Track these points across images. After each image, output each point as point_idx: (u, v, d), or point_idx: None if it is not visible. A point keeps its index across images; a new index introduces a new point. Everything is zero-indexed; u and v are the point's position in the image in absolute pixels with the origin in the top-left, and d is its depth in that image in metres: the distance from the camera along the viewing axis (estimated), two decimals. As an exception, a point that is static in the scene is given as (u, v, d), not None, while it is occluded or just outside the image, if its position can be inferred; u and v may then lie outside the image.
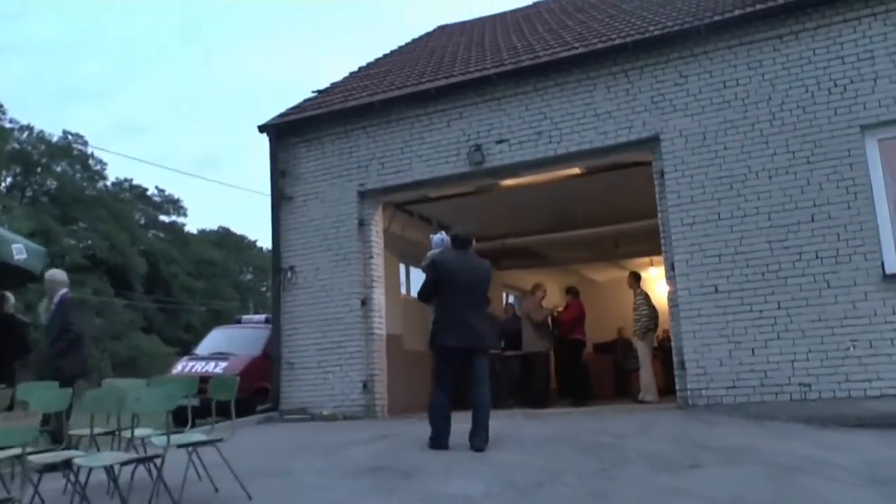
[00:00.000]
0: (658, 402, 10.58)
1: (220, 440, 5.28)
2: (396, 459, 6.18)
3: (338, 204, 10.60)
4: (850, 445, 5.97)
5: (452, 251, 6.71)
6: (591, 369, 14.16)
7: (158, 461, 4.85)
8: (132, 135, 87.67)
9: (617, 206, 12.22)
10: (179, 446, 5.14)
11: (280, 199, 10.92)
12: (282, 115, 11.30)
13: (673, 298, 8.57)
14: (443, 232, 7.74)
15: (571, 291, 12.28)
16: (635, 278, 11.37)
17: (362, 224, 10.50)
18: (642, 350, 10.85)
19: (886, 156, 7.95)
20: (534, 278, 16.49)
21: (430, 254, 7.36)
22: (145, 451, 5.73)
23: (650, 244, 13.90)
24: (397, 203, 11.55)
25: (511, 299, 16.79)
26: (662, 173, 8.81)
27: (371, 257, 10.45)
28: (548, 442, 6.62)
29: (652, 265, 15.08)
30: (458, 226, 7.06)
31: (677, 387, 8.46)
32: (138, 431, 5.68)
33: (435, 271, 6.52)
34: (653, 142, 8.93)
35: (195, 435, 5.38)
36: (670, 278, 8.63)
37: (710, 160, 8.54)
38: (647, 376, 10.75)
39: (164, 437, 4.93)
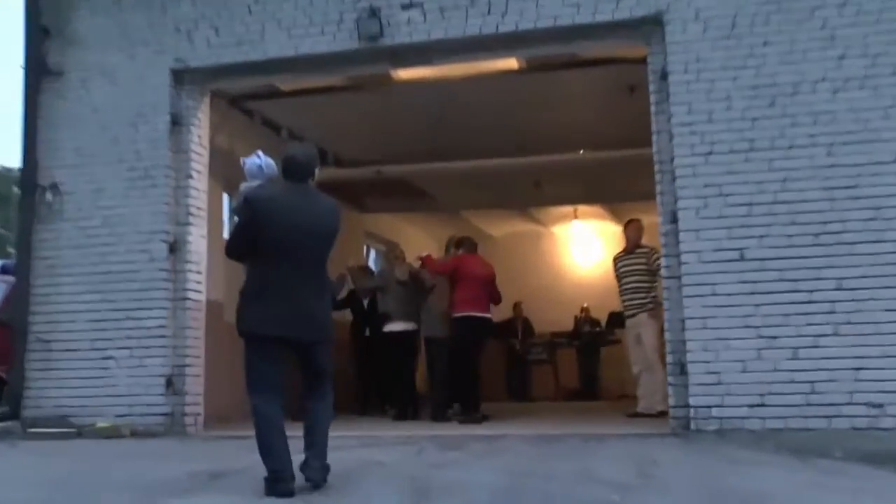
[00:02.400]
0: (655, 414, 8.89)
1: None
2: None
3: (139, 89, 8.39)
4: None
5: (282, 184, 5.40)
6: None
7: None
8: None
9: (549, 129, 10.69)
10: None
11: (40, 74, 8.61)
12: (50, -62, 8.71)
13: (672, 267, 7.04)
14: (259, 152, 6.27)
15: (465, 244, 10.00)
16: (637, 228, 9.60)
17: (178, 123, 8.37)
18: (650, 335, 9.04)
19: None
20: (408, 227, 14.75)
21: (243, 186, 6.20)
22: None
23: (581, 188, 12.61)
24: (232, 96, 9.45)
25: (372, 256, 14.92)
26: (664, 74, 7.17)
27: (189, 177, 8.34)
28: (507, 499, 4.79)
29: (576, 217, 13.77)
30: (296, 145, 5.83)
31: (672, 401, 6.94)
32: None
33: (250, 214, 5.17)
34: (651, 26, 7.30)
35: None
36: (668, 235, 7.08)
37: (743, 60, 6.94)
38: (655, 377, 8.89)
39: None
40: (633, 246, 9.63)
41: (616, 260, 9.78)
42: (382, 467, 5.79)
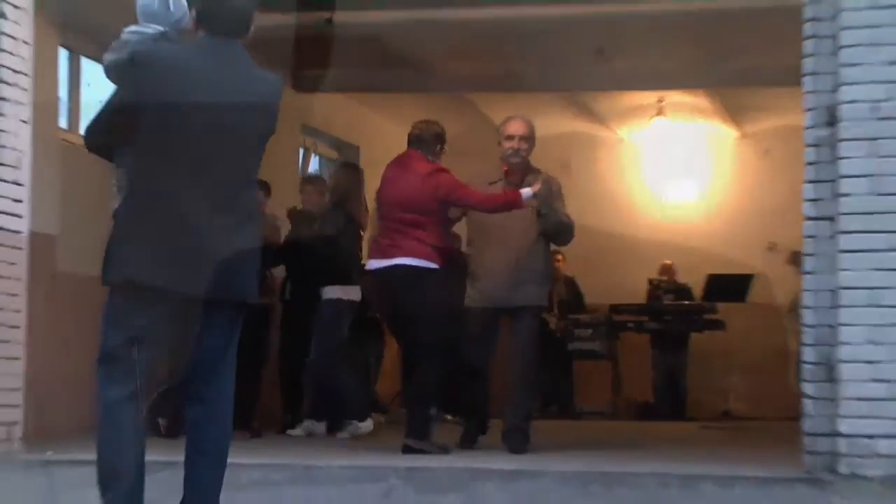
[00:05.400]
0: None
1: None
2: None
3: None
4: None
5: (196, 39, 4.37)
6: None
7: None
8: None
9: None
10: None
11: None
12: None
13: (822, 202, 5.36)
14: None
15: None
16: None
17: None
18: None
19: None
20: (375, 117, 11.65)
21: (129, 33, 4.78)
22: None
23: (673, 61, 9.64)
24: None
25: (315, 165, 11.57)
26: None
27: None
28: None
29: (661, 112, 10.24)
30: None
31: (809, 425, 5.40)
32: None
33: (135, 82, 4.16)
34: None
35: None
36: (820, 146, 5.37)
37: None
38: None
39: None
40: None
41: None
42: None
